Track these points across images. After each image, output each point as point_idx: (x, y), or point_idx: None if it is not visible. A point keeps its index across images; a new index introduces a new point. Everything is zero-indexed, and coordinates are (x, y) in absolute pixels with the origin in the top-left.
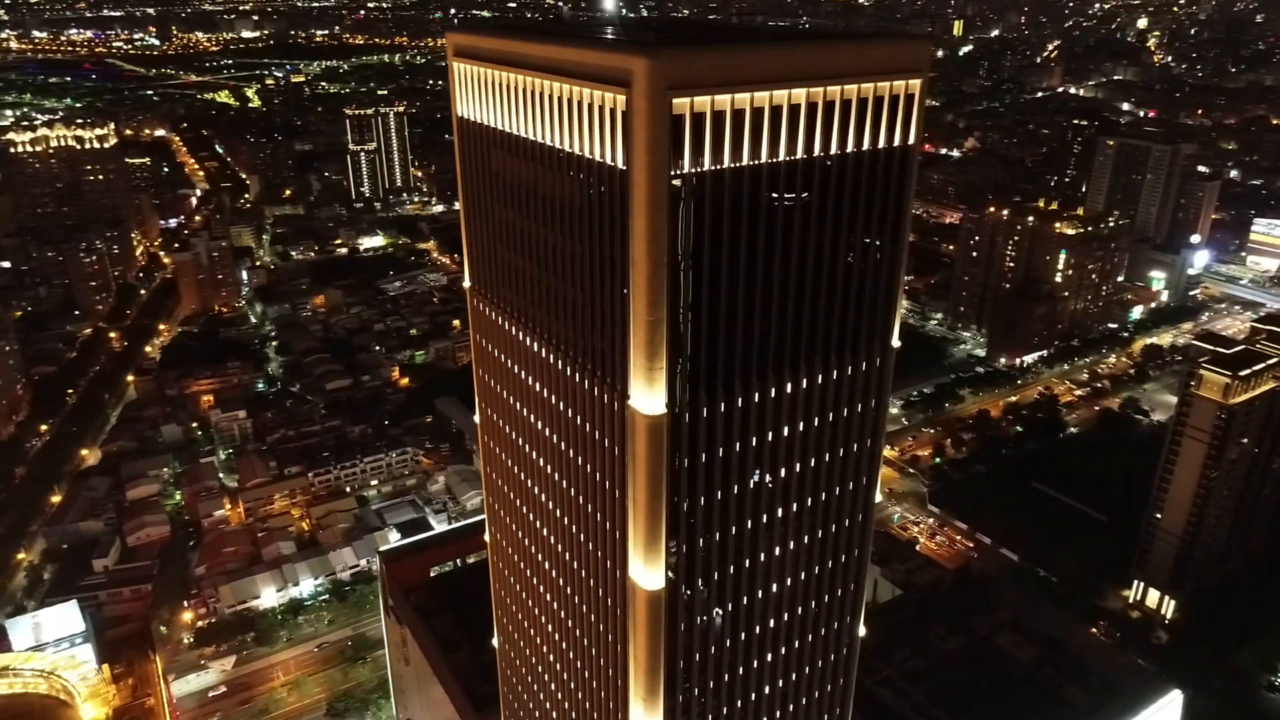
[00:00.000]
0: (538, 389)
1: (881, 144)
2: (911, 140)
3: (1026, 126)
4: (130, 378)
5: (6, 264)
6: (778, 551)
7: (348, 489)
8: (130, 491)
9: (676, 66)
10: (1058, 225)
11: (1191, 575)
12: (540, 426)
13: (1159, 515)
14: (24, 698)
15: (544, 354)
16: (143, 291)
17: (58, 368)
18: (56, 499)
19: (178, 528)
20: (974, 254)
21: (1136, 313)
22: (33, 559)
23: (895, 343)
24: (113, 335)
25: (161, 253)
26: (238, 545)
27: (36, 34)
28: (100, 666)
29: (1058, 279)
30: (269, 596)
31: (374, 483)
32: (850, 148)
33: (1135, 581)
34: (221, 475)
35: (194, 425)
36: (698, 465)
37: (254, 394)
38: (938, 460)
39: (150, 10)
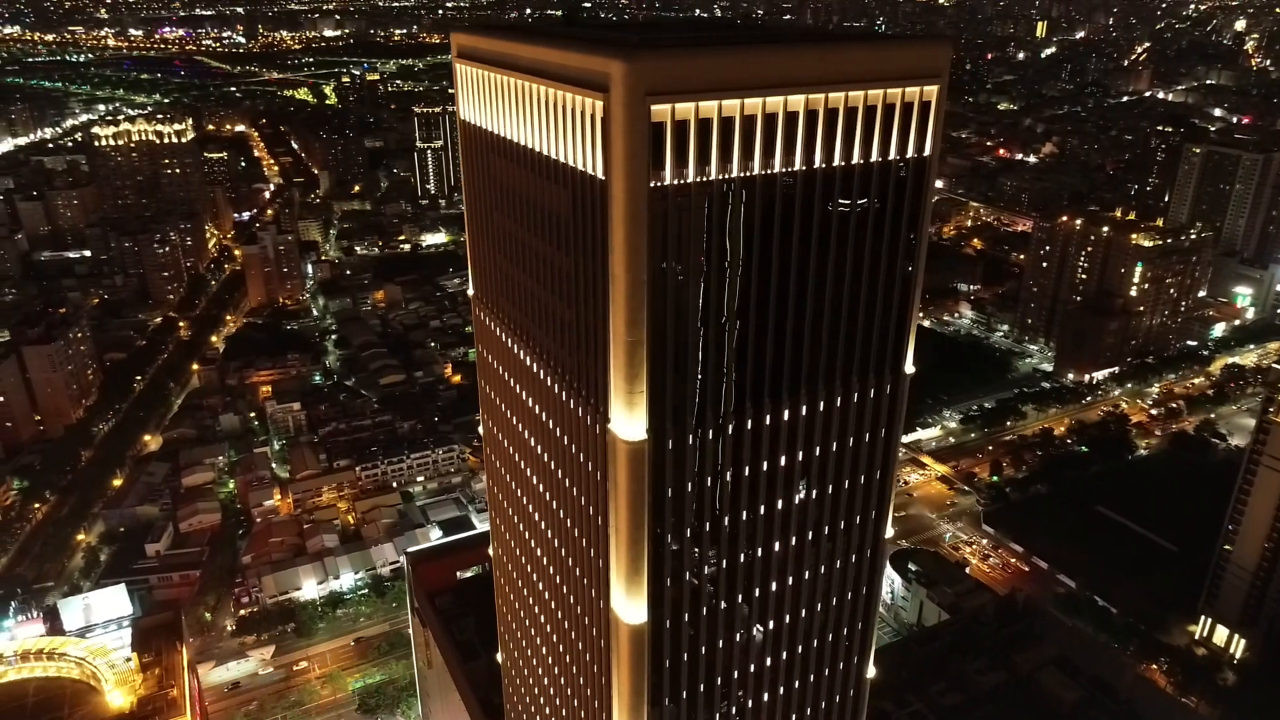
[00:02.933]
0: (530, 405)
1: (894, 155)
2: (928, 151)
3: (1109, 132)
4: (195, 366)
5: (87, 252)
6: (775, 587)
7: (394, 484)
8: (186, 478)
9: (656, 70)
10: (1134, 236)
11: (1265, 614)
12: (534, 444)
13: (1229, 547)
14: (57, 681)
15: (536, 370)
16: (213, 282)
17: (128, 354)
18: (118, 482)
19: (229, 516)
20: (1044, 264)
21: (1218, 330)
22: (91, 540)
23: (909, 368)
24: (181, 324)
25: (233, 245)
26: (284, 536)
27: (133, 31)
28: (132, 654)
29: (1133, 292)
30: (310, 588)
31: (420, 479)
32: (858, 159)
33: (1203, 617)
34: (274, 466)
35: (251, 415)
36: (685, 494)
37: (310, 386)
38: (995, 478)
39: (239, 9)
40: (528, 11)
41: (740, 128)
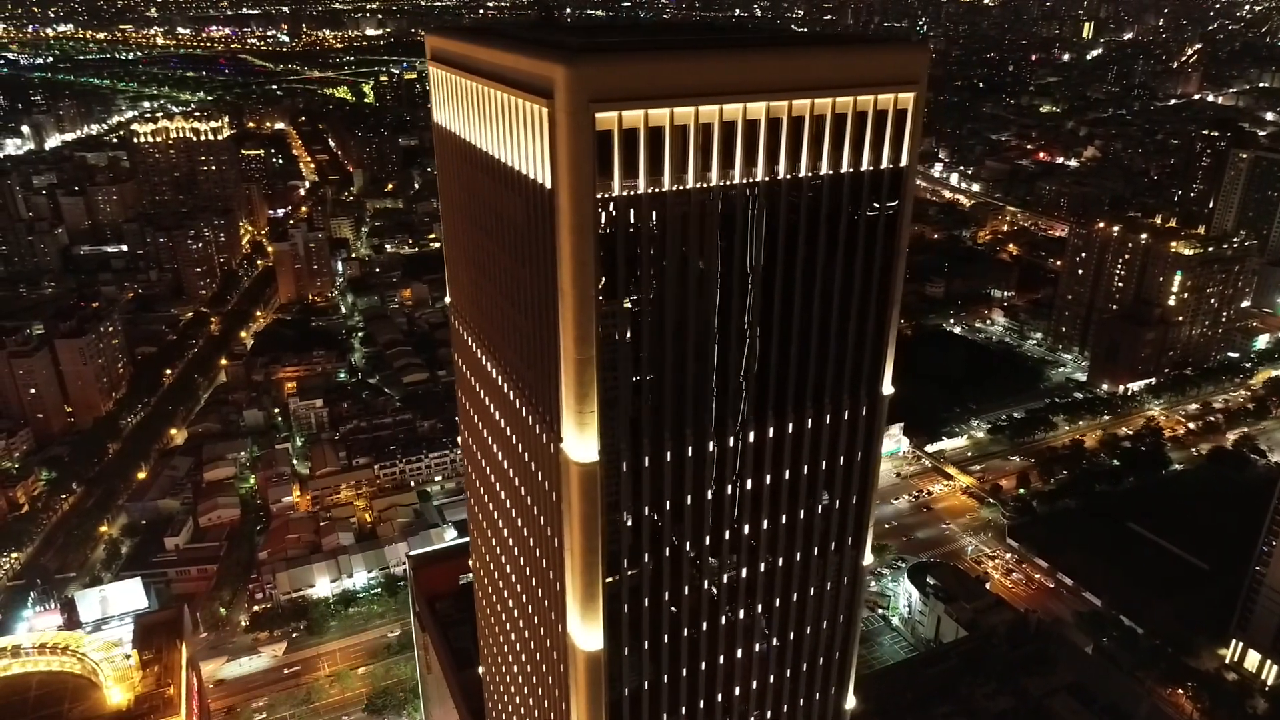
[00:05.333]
0: (498, 420)
1: (866, 166)
2: (904, 162)
3: (1154, 136)
4: (223, 361)
5: (125, 247)
6: (743, 615)
7: (411, 483)
8: (208, 473)
9: (600, 76)
10: (1174, 244)
11: None
12: (501, 460)
13: (1262, 569)
14: (59, 676)
15: (501, 384)
16: (245, 278)
17: (158, 349)
18: (142, 475)
19: (249, 511)
20: (1080, 271)
21: (1261, 341)
22: (113, 533)
23: (888, 389)
24: (213, 320)
25: (267, 241)
26: (301, 533)
27: (181, 30)
28: (132, 651)
29: (1171, 302)
30: (323, 586)
31: (438, 479)
32: (827, 170)
33: (1234, 641)
34: (295, 462)
35: (275, 411)
36: (641, 519)
37: (334, 383)
38: (1022, 491)
39: (285, 8)
40: (567, 11)
41: (696, 136)
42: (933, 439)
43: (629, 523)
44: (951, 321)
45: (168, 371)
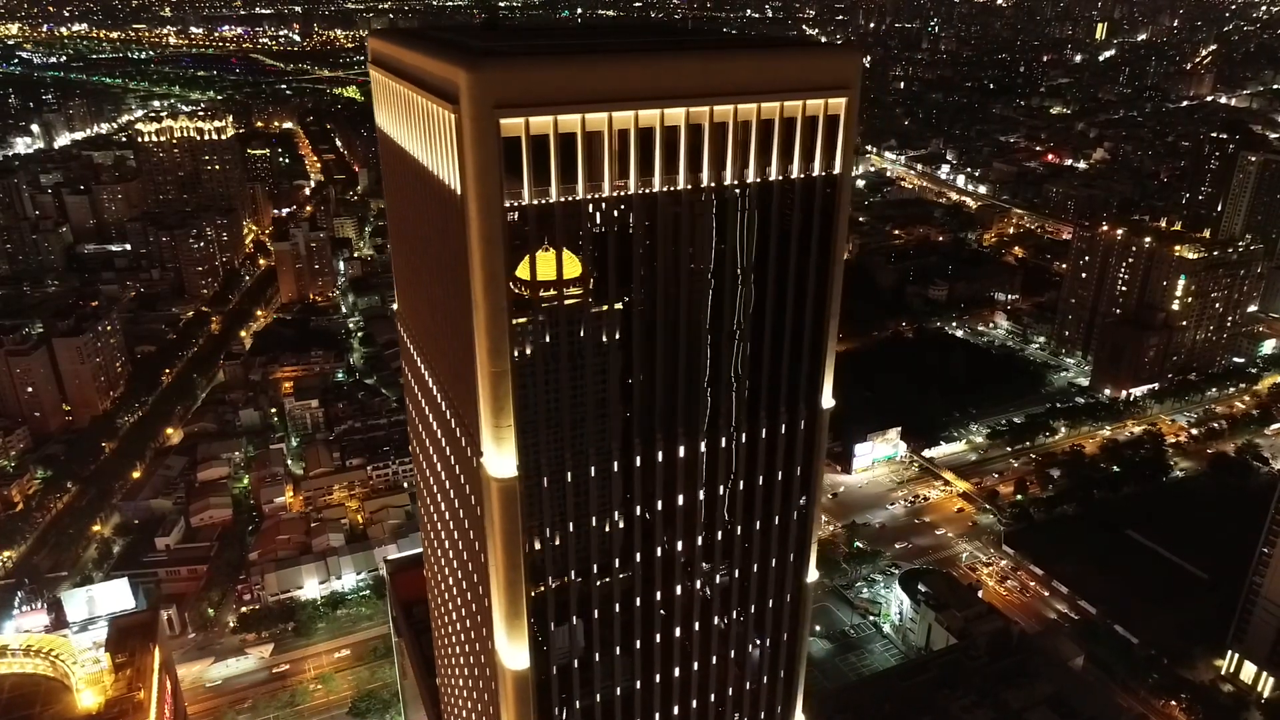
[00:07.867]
0: (436, 430)
1: (798, 174)
2: (838, 169)
3: (1165, 138)
4: (221, 361)
5: (128, 246)
6: (679, 633)
7: (404, 484)
8: (201, 473)
9: (505, 80)
10: (1178, 248)
11: None
12: (440, 470)
13: (1259, 579)
14: (32, 678)
15: (436, 395)
16: (247, 278)
17: (158, 348)
18: (137, 474)
19: (241, 511)
20: (1084, 274)
21: (1268, 347)
22: (106, 532)
23: (828, 402)
24: (213, 319)
25: (270, 240)
26: (291, 534)
27: (194, 30)
28: (105, 654)
29: (1175, 306)
30: (311, 588)
31: None
32: (754, 178)
33: (1230, 652)
34: (289, 462)
35: (272, 411)
36: (566, 536)
37: (332, 383)
38: (1020, 497)
39: (297, 8)
40: (578, 11)
41: (610, 143)
42: (931, 444)
43: (551, 540)
44: (954, 325)
45: (166, 371)
